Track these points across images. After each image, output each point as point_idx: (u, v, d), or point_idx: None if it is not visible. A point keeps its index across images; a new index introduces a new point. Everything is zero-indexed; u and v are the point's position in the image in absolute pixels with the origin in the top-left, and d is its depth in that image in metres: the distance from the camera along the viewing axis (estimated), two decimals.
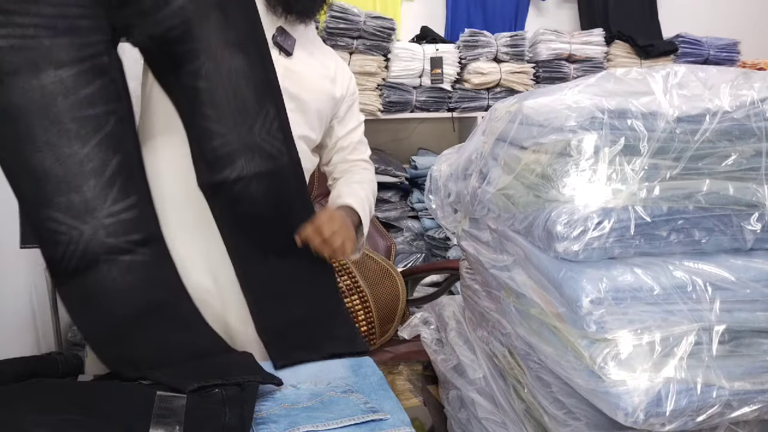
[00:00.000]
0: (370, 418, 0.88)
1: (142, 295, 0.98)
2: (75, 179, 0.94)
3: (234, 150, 1.03)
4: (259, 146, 1.04)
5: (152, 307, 0.98)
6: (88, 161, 0.94)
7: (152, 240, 1.01)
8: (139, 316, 0.96)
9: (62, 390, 0.82)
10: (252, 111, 1.03)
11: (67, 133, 0.92)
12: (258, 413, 0.87)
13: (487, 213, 0.89)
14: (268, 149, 1.05)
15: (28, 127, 0.91)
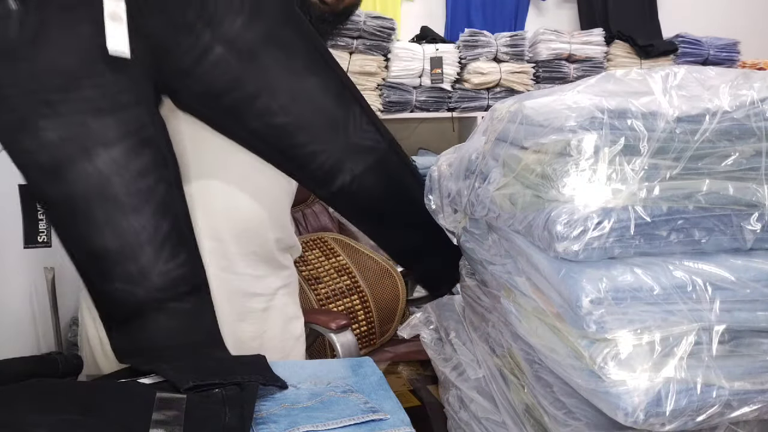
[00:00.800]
0: (370, 418, 0.88)
1: (182, 337, 1.02)
2: (132, 250, 0.97)
3: (339, 159, 1.08)
4: (358, 145, 1.08)
5: (188, 347, 1.02)
6: (143, 231, 0.97)
7: (197, 289, 1.06)
8: (173, 350, 1.01)
9: (62, 390, 0.82)
10: (340, 118, 1.06)
11: (123, 208, 0.95)
12: (258, 413, 0.87)
13: (487, 213, 0.89)
14: (368, 143, 1.09)
15: (88, 211, 0.94)
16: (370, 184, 1.12)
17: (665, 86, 0.76)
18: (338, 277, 1.83)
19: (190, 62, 0.97)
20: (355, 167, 1.10)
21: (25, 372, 0.87)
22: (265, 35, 0.99)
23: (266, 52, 1.00)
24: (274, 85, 1.02)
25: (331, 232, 2.06)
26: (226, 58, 0.98)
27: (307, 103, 1.04)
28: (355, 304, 1.82)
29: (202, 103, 1.03)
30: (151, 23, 0.94)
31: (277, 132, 1.05)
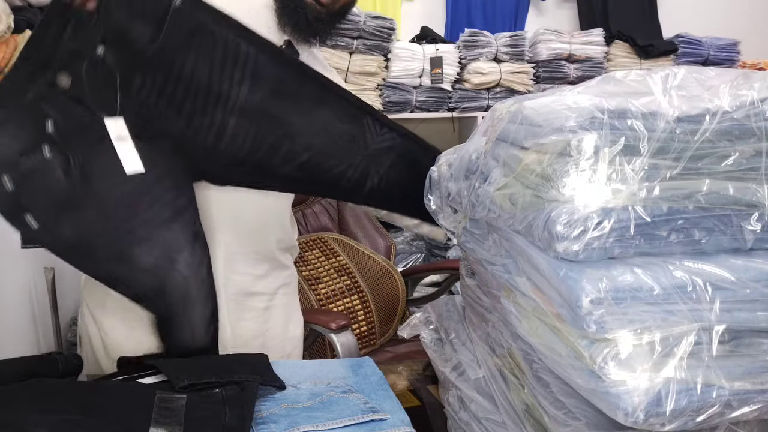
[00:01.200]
0: (370, 418, 0.88)
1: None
2: (193, 331, 1.06)
3: (364, 168, 1.15)
4: (377, 149, 1.15)
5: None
6: (203, 316, 1.05)
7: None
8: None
9: (62, 390, 0.82)
10: (357, 133, 1.12)
11: (196, 303, 1.03)
12: (258, 413, 0.87)
13: (488, 213, 0.89)
14: (385, 144, 1.15)
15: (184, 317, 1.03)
16: (396, 177, 1.18)
17: (665, 86, 0.76)
18: (338, 277, 1.83)
19: (211, 142, 1.01)
20: (379, 169, 1.16)
21: (25, 372, 0.87)
22: (270, 91, 1.04)
23: (275, 105, 1.05)
24: (291, 131, 1.07)
25: (331, 232, 2.06)
26: (241, 125, 1.02)
27: (324, 133, 1.09)
28: (355, 304, 1.82)
29: (232, 172, 1.08)
30: (162, 124, 0.98)
31: (305, 168, 1.10)
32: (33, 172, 0.88)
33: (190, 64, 0.95)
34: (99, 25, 0.89)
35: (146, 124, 0.97)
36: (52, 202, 0.90)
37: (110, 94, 0.93)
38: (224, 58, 0.97)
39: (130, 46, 0.92)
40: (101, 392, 0.84)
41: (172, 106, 0.97)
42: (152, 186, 0.98)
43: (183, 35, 0.94)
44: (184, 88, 0.96)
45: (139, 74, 0.94)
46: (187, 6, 0.92)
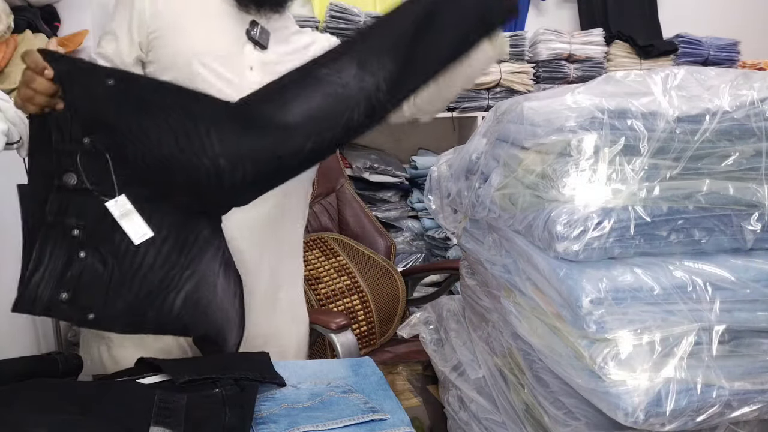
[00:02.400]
0: (370, 418, 0.88)
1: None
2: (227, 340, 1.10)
3: (359, 96, 1.05)
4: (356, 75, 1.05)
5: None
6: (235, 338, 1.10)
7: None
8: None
9: (62, 390, 0.82)
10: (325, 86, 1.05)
11: (228, 323, 1.08)
12: (258, 413, 0.87)
13: (488, 213, 0.89)
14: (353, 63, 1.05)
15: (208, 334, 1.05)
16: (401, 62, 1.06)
17: (665, 87, 0.75)
18: (338, 277, 1.83)
19: (215, 182, 1.01)
20: (375, 79, 1.04)
21: (25, 372, 0.87)
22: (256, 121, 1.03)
23: (269, 131, 1.04)
24: (292, 139, 1.05)
25: (331, 232, 2.06)
26: (233, 160, 1.01)
27: (324, 120, 1.05)
28: (355, 304, 1.82)
29: (253, 193, 1.09)
30: (167, 177, 1.00)
31: (316, 151, 1.06)
32: (79, 277, 0.98)
33: (151, 132, 0.98)
34: (75, 118, 0.95)
35: (155, 184, 1.01)
36: (102, 293, 0.98)
37: (108, 176, 0.98)
38: (176, 119, 0.98)
39: (107, 126, 0.97)
40: (101, 392, 0.84)
41: (164, 160, 0.99)
42: (179, 238, 1.03)
43: (131, 105, 0.97)
44: (164, 143, 0.98)
45: (129, 146, 0.98)
46: (119, 84, 0.95)
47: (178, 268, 1.02)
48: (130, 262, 0.99)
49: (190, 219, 1.05)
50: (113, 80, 0.95)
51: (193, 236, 1.04)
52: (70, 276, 0.98)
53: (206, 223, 1.07)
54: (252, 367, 0.95)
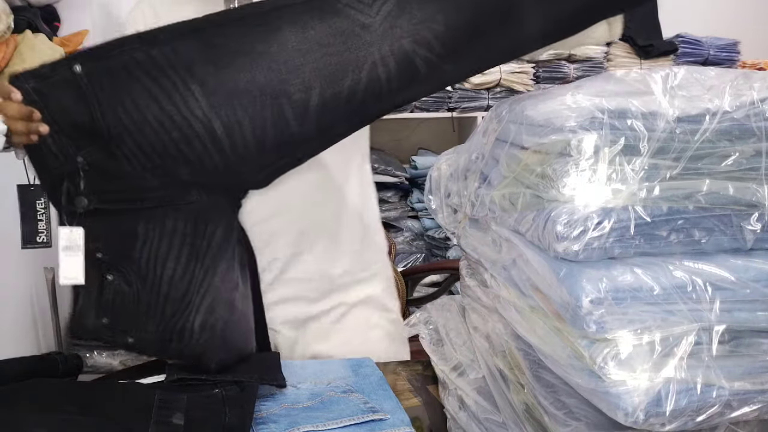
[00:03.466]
0: (370, 418, 0.88)
1: None
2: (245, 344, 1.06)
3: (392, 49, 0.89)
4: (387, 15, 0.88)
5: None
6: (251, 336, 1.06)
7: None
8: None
9: (62, 390, 0.82)
10: (343, 24, 0.88)
11: (247, 328, 1.05)
12: (258, 413, 0.87)
13: (487, 213, 0.89)
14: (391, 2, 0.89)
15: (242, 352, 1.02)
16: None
17: (665, 86, 0.75)
18: None
19: (218, 158, 0.93)
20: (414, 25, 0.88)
21: (25, 372, 0.87)
22: (216, 67, 0.91)
23: (234, 76, 0.91)
24: (273, 86, 0.91)
25: None
26: (227, 121, 0.92)
27: (307, 57, 0.89)
28: None
29: (263, 168, 0.99)
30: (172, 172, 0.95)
31: (327, 109, 0.92)
32: (113, 301, 0.96)
33: (135, 109, 0.89)
34: (62, 136, 0.90)
35: (157, 186, 0.95)
36: (134, 315, 0.96)
37: (113, 188, 0.95)
38: (152, 78, 0.88)
39: (93, 129, 0.90)
40: (101, 392, 0.84)
41: (156, 153, 0.92)
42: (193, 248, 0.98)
43: (107, 90, 0.88)
44: (152, 131, 0.90)
45: (118, 151, 0.91)
46: (87, 66, 0.87)
47: (195, 284, 0.96)
48: (152, 279, 0.95)
49: (199, 223, 0.97)
50: (79, 65, 0.86)
51: (206, 243, 0.97)
52: (104, 300, 0.96)
53: (217, 222, 0.98)
54: (251, 368, 0.95)
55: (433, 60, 0.91)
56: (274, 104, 0.90)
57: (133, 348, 0.99)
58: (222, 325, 0.97)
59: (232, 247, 1.01)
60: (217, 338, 0.97)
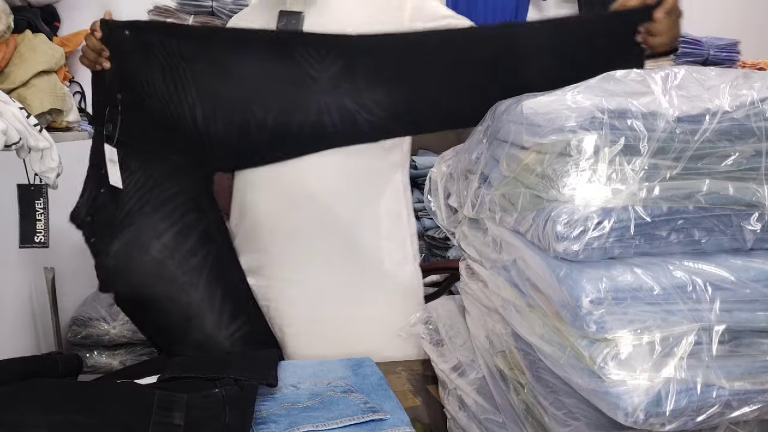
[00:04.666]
0: (370, 418, 0.88)
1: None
2: (194, 321, 1.12)
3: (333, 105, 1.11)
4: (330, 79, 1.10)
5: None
6: (202, 303, 1.13)
7: (264, 344, 1.18)
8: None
9: (62, 390, 0.82)
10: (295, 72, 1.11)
11: (182, 286, 1.12)
12: (258, 413, 0.87)
13: (487, 213, 0.89)
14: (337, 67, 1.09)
15: (154, 293, 1.11)
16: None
17: (665, 86, 0.75)
18: None
19: (197, 133, 1.11)
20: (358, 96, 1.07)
21: (25, 372, 0.87)
22: (212, 71, 1.11)
23: (216, 81, 1.12)
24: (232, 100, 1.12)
25: None
26: (206, 112, 1.10)
27: (267, 86, 1.10)
28: None
29: (227, 161, 1.19)
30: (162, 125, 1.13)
31: (278, 133, 1.12)
32: (97, 208, 1.12)
33: (150, 78, 1.11)
34: (114, 75, 1.11)
35: (162, 141, 1.14)
36: (108, 232, 1.13)
37: (131, 126, 1.12)
38: (164, 57, 1.09)
39: (130, 80, 1.11)
40: (101, 392, 0.84)
41: (161, 116, 1.12)
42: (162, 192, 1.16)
43: (139, 56, 1.11)
44: (159, 101, 1.11)
45: (143, 99, 1.12)
46: (133, 33, 1.11)
47: (134, 219, 1.13)
48: (119, 200, 1.12)
49: (167, 179, 1.15)
50: (128, 30, 1.10)
51: (158, 194, 1.14)
52: (94, 206, 1.11)
53: (177, 183, 1.15)
54: (249, 367, 0.95)
55: (374, 121, 1.09)
56: (243, 111, 1.11)
57: (91, 248, 1.14)
58: (126, 259, 1.12)
59: (176, 206, 1.15)
60: (121, 267, 1.12)
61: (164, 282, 1.11)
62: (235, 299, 1.16)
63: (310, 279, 1.23)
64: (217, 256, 1.16)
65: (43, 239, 1.13)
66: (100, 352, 2.23)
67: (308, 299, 1.23)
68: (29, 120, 1.09)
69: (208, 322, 1.13)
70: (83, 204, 1.12)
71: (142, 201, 1.13)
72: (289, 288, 1.23)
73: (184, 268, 1.13)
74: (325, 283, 1.23)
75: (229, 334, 1.14)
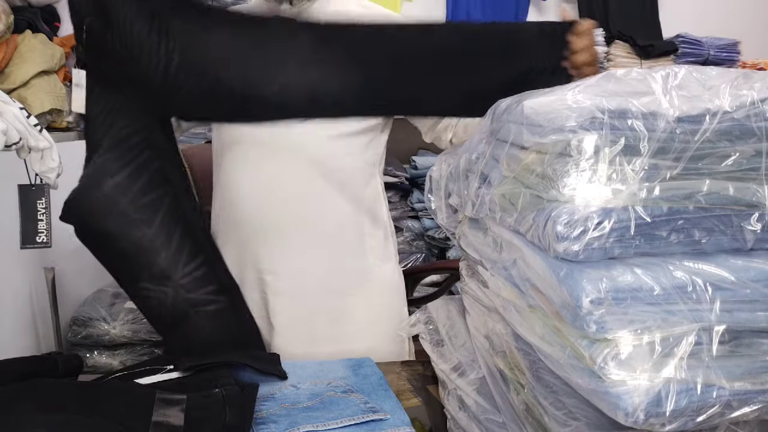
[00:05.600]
0: (370, 418, 0.88)
1: (227, 335, 1.19)
2: (150, 255, 1.15)
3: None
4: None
5: (235, 344, 1.19)
6: (156, 238, 1.15)
7: (226, 289, 1.22)
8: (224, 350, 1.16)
9: (62, 390, 0.82)
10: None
11: (134, 221, 1.14)
12: (258, 413, 0.87)
13: (487, 213, 0.89)
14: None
15: (105, 227, 1.14)
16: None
17: (665, 86, 0.75)
18: None
19: (159, 79, 1.13)
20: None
21: (25, 372, 0.87)
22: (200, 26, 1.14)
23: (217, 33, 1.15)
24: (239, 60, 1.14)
25: None
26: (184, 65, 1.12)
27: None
28: None
29: (194, 108, 1.19)
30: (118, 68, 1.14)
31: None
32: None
33: (130, 13, 1.11)
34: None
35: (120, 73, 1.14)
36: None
37: (96, 54, 1.14)
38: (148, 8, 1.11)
39: (102, 11, 1.11)
40: (101, 392, 0.84)
41: (128, 48, 1.12)
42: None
43: None
44: (133, 37, 1.11)
45: (108, 30, 1.12)
46: None
47: (88, 155, 1.14)
48: (91, 134, 1.14)
49: (120, 114, 1.15)
50: None
51: (112, 132, 1.15)
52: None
53: (131, 122, 1.16)
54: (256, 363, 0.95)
55: (336, 100, 1.16)
56: (215, 70, 1.14)
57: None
58: (82, 192, 1.13)
59: (130, 146, 1.16)
60: (78, 199, 1.13)
61: (114, 216, 1.14)
62: (193, 239, 1.18)
63: (297, 271, 1.28)
64: (174, 195, 1.18)
65: (45, 239, 1.13)
66: (100, 352, 2.23)
67: (295, 291, 1.29)
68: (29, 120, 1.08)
69: (163, 257, 1.15)
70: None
71: (100, 133, 1.15)
72: (276, 280, 1.28)
73: (137, 204, 1.15)
74: (312, 276, 1.29)
75: (187, 271, 1.16)
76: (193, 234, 1.19)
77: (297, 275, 1.29)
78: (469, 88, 1.17)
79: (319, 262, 1.30)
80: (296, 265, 1.29)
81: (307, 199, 1.28)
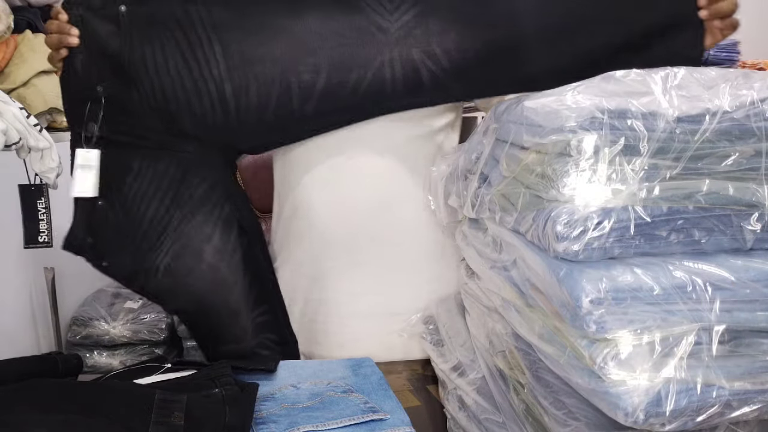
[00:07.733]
0: (370, 418, 0.88)
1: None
2: (237, 317, 1.09)
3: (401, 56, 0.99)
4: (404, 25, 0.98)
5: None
6: (239, 297, 1.09)
7: (284, 342, 1.15)
8: None
9: (62, 390, 0.82)
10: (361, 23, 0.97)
11: (229, 285, 1.07)
12: (258, 413, 0.87)
13: (487, 213, 0.89)
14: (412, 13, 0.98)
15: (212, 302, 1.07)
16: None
17: (665, 86, 0.75)
18: None
19: (220, 114, 1.00)
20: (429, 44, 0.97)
21: (25, 372, 0.87)
22: (241, 33, 1.00)
23: (252, 46, 1.00)
24: (284, 63, 0.99)
25: None
26: (237, 84, 0.99)
27: (321, 44, 0.97)
28: None
29: (260, 135, 1.04)
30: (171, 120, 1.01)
31: (328, 95, 0.99)
32: (98, 225, 1.03)
33: (160, 55, 0.98)
34: (89, 64, 0.98)
35: (167, 131, 1.02)
36: (113, 242, 1.04)
37: (123, 120, 1.01)
38: (183, 32, 0.97)
39: (116, 70, 0.99)
40: (101, 392, 0.84)
41: (168, 99, 0.99)
42: (177, 193, 1.04)
43: (141, 32, 0.98)
44: (169, 78, 0.98)
45: (135, 90, 0.99)
46: (131, 8, 0.97)
47: (171, 229, 1.04)
48: (134, 214, 1.03)
49: (189, 173, 1.04)
50: (124, 5, 0.97)
51: (189, 193, 1.04)
52: (93, 222, 1.03)
53: (205, 176, 1.05)
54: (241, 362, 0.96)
55: (438, 74, 0.98)
56: (282, 79, 0.98)
57: (106, 271, 1.05)
58: (185, 272, 1.04)
59: (213, 203, 1.06)
60: (179, 284, 1.04)
61: (217, 284, 1.06)
62: (261, 286, 1.11)
63: (364, 293, 1.15)
64: (248, 245, 1.10)
65: (47, 239, 1.13)
66: (100, 352, 2.23)
67: (360, 316, 1.17)
68: (29, 120, 1.08)
69: (243, 313, 1.08)
70: (78, 225, 1.02)
71: (170, 204, 1.02)
72: (340, 306, 1.16)
73: (231, 267, 1.07)
74: (377, 297, 1.16)
75: (253, 316, 1.10)
76: (261, 280, 1.11)
77: (361, 297, 1.16)
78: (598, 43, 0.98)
79: (384, 284, 1.17)
80: (364, 287, 1.16)
81: (386, 212, 1.14)
